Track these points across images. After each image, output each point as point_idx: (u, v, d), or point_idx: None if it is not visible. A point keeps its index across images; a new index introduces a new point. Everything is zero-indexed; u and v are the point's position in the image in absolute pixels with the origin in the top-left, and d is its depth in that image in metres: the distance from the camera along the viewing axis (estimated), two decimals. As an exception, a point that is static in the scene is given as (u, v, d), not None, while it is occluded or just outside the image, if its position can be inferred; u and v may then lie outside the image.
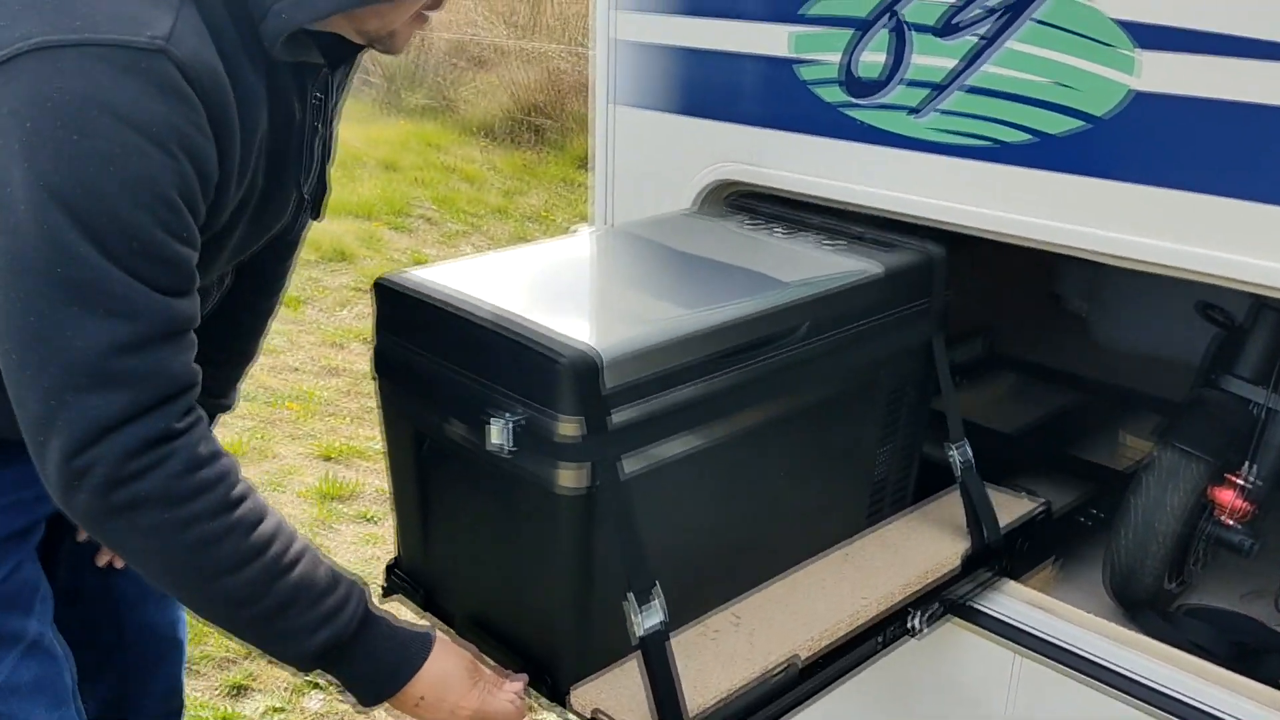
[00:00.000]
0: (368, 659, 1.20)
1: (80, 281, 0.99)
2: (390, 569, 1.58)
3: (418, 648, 1.23)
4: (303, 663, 1.17)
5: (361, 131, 7.86)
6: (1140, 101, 1.44)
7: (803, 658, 1.39)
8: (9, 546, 1.32)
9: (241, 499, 1.11)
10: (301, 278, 5.59)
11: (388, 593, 1.61)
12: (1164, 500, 1.66)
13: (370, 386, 1.49)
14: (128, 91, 0.98)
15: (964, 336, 2.58)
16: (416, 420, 1.40)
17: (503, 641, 1.39)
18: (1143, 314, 2.54)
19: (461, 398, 1.28)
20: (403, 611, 1.60)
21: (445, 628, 1.51)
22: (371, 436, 4.04)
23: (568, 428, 1.19)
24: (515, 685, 1.28)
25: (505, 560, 1.35)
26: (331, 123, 1.32)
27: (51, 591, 1.40)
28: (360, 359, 4.70)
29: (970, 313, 2.56)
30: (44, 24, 0.97)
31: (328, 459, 3.89)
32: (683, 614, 1.38)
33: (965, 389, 2.46)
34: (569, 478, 1.22)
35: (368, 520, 3.51)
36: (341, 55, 1.21)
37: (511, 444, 1.22)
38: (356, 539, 3.41)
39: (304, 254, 5.62)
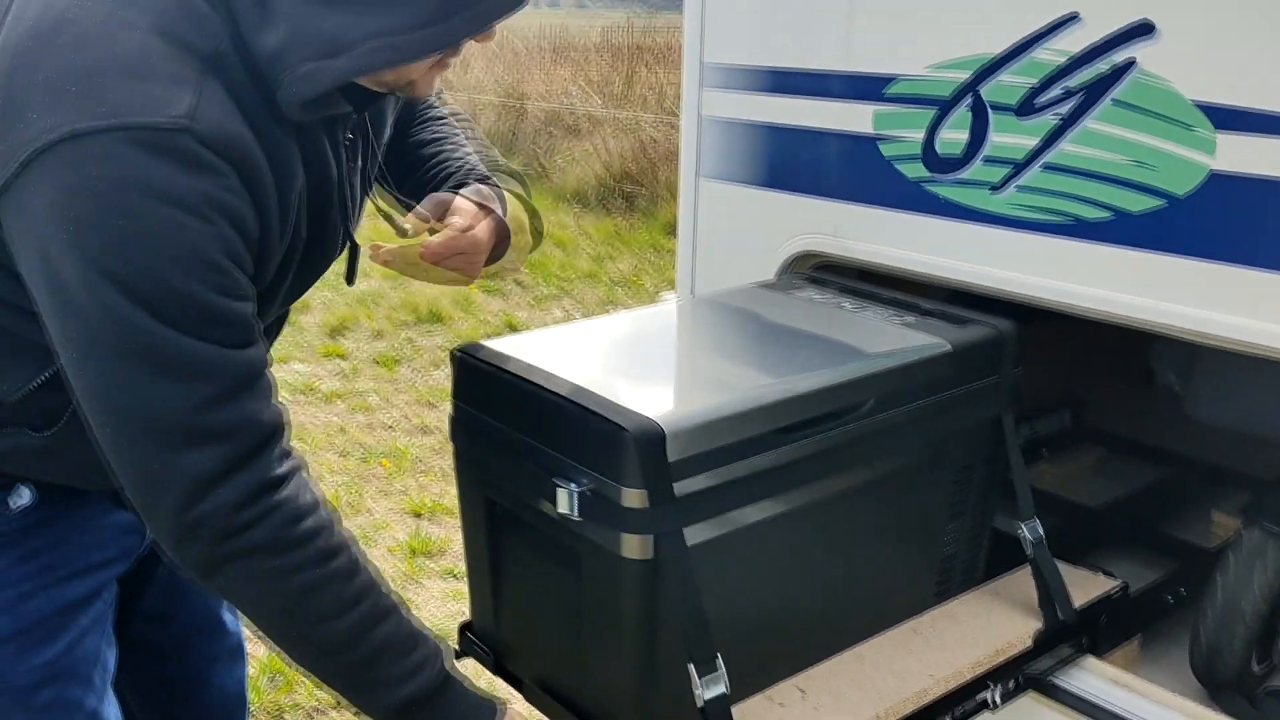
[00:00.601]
0: (443, 717, 1.23)
1: (151, 353, 1.05)
2: (463, 630, 1.62)
3: (487, 713, 1.27)
4: (386, 714, 1.21)
5: (461, 195, 8.08)
6: (1219, 181, 1.43)
7: (869, 734, 1.38)
8: (73, 614, 1.36)
9: (342, 547, 1.16)
10: (398, 338, 5.76)
11: (460, 654, 1.65)
12: (1250, 580, 1.61)
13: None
14: (159, 170, 1.02)
15: (1051, 409, 2.55)
16: (489, 486, 1.44)
17: (569, 707, 1.41)
18: (1239, 390, 2.47)
19: (531, 466, 1.32)
20: (468, 667, 1.64)
21: (514, 692, 1.54)
22: (461, 493, 4.12)
23: (632, 498, 1.22)
24: None
25: (571, 626, 1.38)
26: (371, 156, 1.36)
27: (115, 655, 1.44)
28: (452, 417, 4.80)
29: (1059, 386, 2.54)
30: (72, 112, 1.01)
31: (417, 515, 3.98)
32: (747, 683, 1.39)
33: (1051, 462, 2.43)
34: (633, 546, 1.24)
35: (454, 576, 3.58)
36: (369, 97, 1.23)
37: (578, 512, 1.25)
38: (442, 594, 3.48)
39: (400, 315, 5.83)
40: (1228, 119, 1.41)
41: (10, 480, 1.31)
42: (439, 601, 3.45)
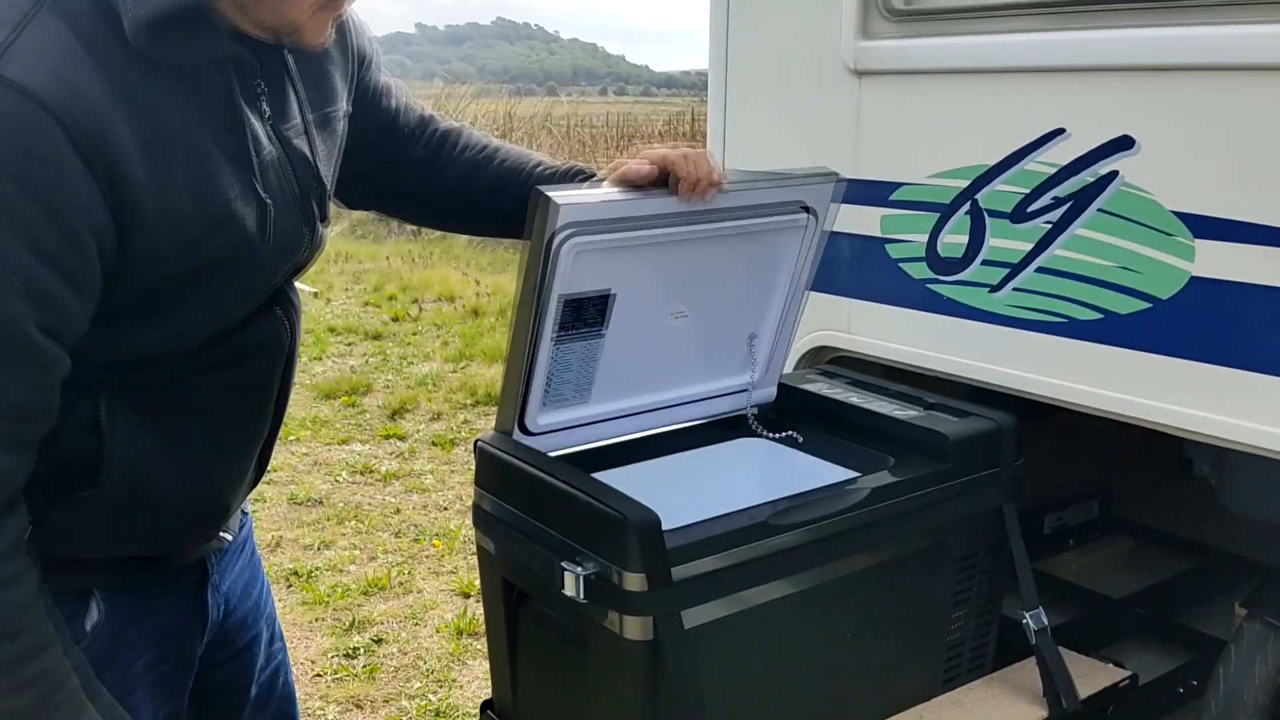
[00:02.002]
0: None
1: None
2: (484, 708, 1.71)
3: None
4: None
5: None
6: (1199, 285, 1.51)
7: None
8: None
9: (33, 638, 1.06)
10: (455, 420, 5.92)
11: (485, 733, 1.74)
12: (1250, 672, 1.64)
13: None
14: None
15: (1078, 499, 2.58)
16: (506, 569, 1.54)
17: (580, 781, 1.49)
18: (1270, 482, 2.48)
19: (542, 550, 1.42)
20: (494, 747, 1.72)
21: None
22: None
23: (632, 581, 1.31)
24: None
25: (579, 704, 1.46)
26: (314, 117, 1.27)
27: None
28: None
29: (1086, 475, 2.57)
30: None
31: (466, 596, 4.06)
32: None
33: (1076, 551, 2.46)
34: (634, 628, 1.33)
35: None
36: (267, 47, 1.15)
37: (583, 595, 1.35)
38: (486, 675, 3.54)
39: (459, 397, 5.96)
40: (1205, 228, 1.49)
41: (83, 593, 1.24)
42: (482, 681, 3.52)
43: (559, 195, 1.35)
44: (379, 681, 3.42)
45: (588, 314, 1.50)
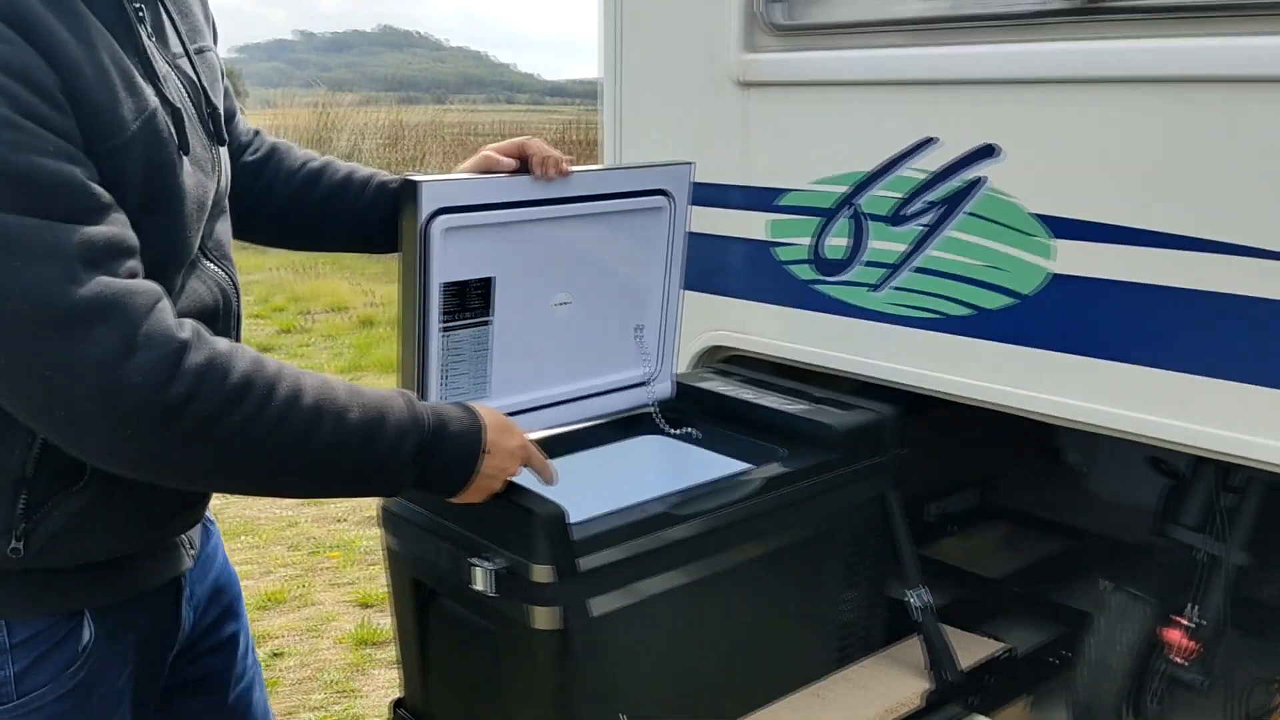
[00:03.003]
0: (450, 441, 1.26)
1: None
2: (395, 706, 1.74)
3: (468, 411, 1.30)
4: (403, 477, 1.22)
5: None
6: (1059, 281, 1.63)
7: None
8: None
9: (275, 368, 1.12)
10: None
11: (393, 730, 1.76)
12: (1115, 640, 1.78)
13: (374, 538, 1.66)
14: None
15: (959, 488, 2.72)
16: (414, 568, 1.58)
17: (492, 771, 1.53)
18: (1133, 468, 2.66)
19: (452, 548, 1.46)
20: (406, 744, 1.74)
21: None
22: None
23: (540, 573, 1.36)
24: None
25: (494, 695, 1.51)
26: (192, 48, 1.29)
27: None
28: (402, 508, 4.89)
29: (965, 466, 2.72)
30: None
31: (365, 606, 4.04)
32: (657, 743, 1.52)
33: (958, 537, 2.59)
34: (543, 618, 1.38)
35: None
36: None
37: (493, 589, 1.39)
38: (388, 684, 3.54)
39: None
40: (1063, 228, 1.62)
41: (75, 614, 1.24)
42: (385, 690, 3.51)
43: (426, 179, 1.42)
44: (280, 695, 3.38)
45: (471, 301, 1.56)
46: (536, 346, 1.68)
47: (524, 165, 1.51)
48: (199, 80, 1.28)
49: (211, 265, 1.29)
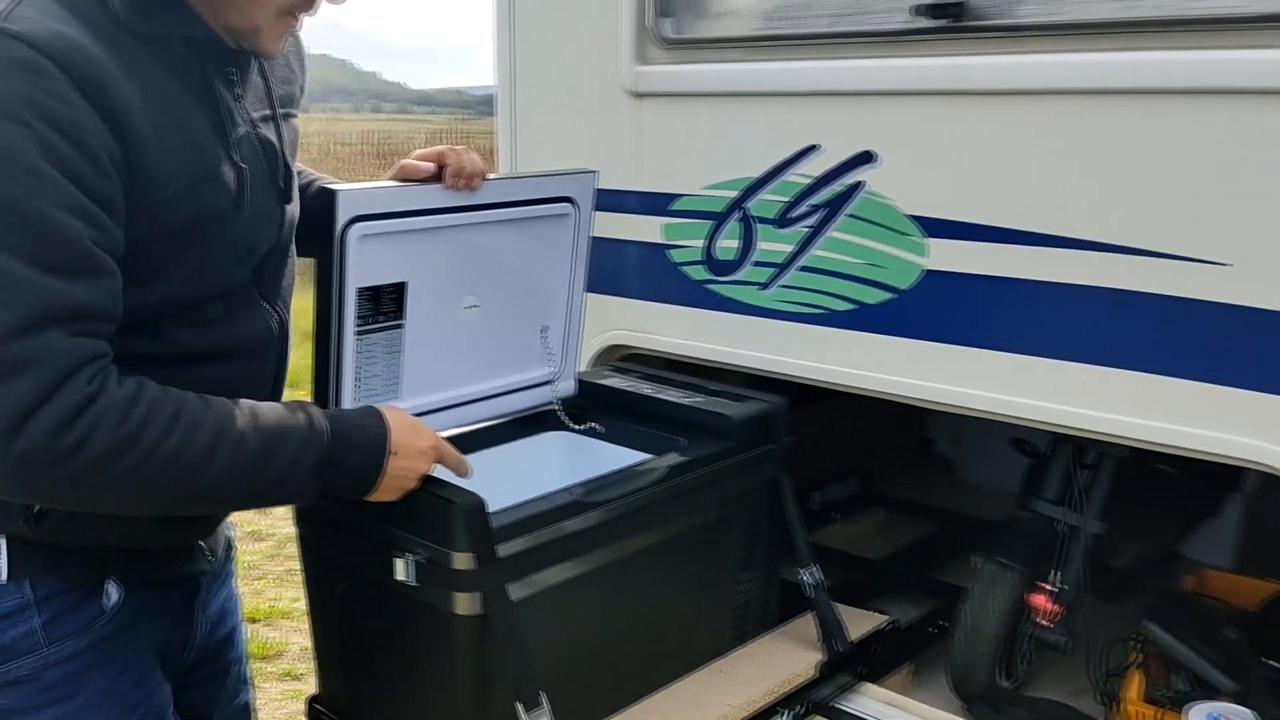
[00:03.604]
0: (352, 450, 1.30)
1: None
2: (311, 702, 1.77)
3: (373, 417, 1.34)
4: (307, 490, 1.26)
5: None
6: (932, 277, 1.78)
7: (677, 758, 1.60)
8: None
9: (180, 406, 1.15)
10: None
11: (309, 728, 1.79)
12: (987, 606, 1.93)
13: (293, 549, 1.69)
14: None
15: (840, 477, 2.88)
16: (334, 563, 1.61)
17: (414, 758, 1.58)
18: (996, 454, 2.86)
19: (373, 542, 1.51)
20: (323, 739, 1.77)
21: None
22: (295, 598, 4.15)
23: (461, 560, 1.42)
24: None
25: (414, 683, 1.55)
26: (279, 112, 1.37)
27: None
28: (284, 523, 4.83)
29: (846, 457, 2.87)
30: None
31: (253, 621, 3.98)
32: (573, 722, 1.59)
33: (841, 523, 2.74)
34: (464, 604, 1.44)
35: (293, 678, 3.61)
36: (232, 50, 1.25)
37: (415, 578, 1.44)
38: (282, 695, 3.51)
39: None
40: (934, 228, 1.76)
41: (99, 579, 1.32)
42: (279, 703, 3.48)
43: (342, 187, 1.48)
44: (169, 712, 3.31)
45: (385, 305, 1.61)
46: (447, 348, 1.74)
47: (441, 172, 1.57)
48: (279, 144, 1.36)
49: (264, 304, 1.38)
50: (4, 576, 1.23)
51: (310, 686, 3.52)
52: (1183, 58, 1.48)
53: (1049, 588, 1.91)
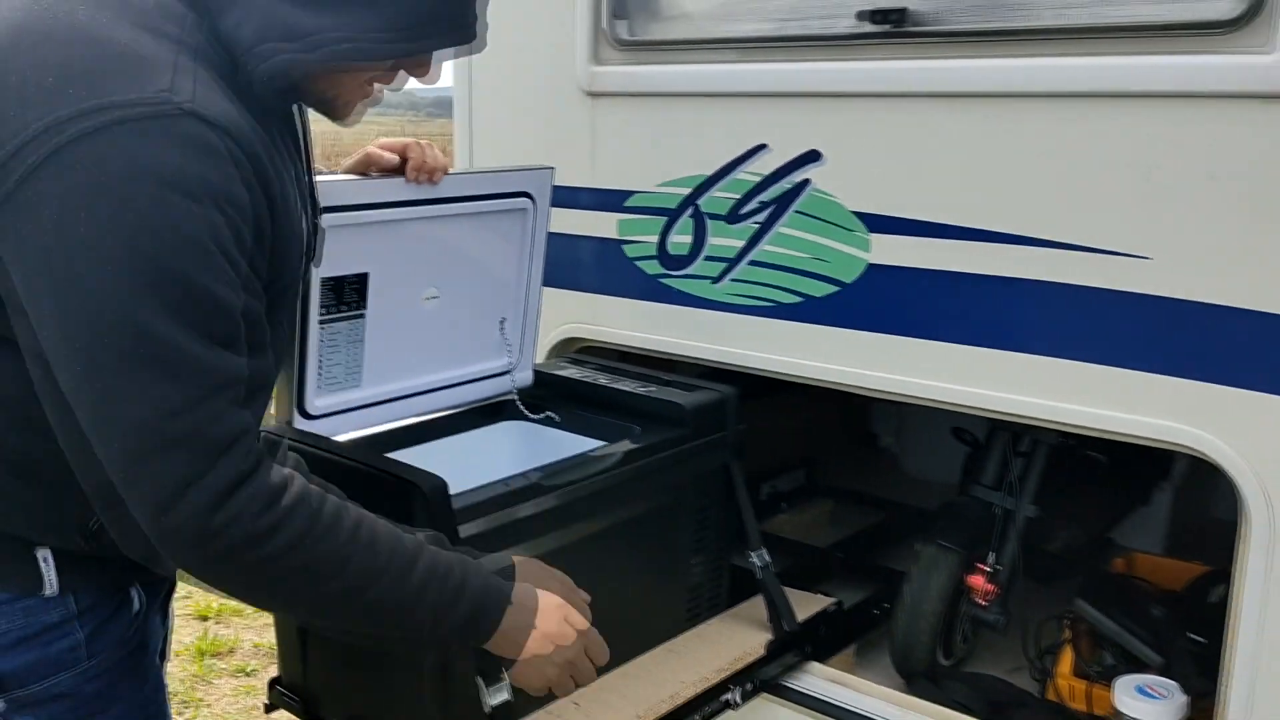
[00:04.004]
0: (497, 632, 1.28)
1: (132, 337, 1.03)
2: (273, 684, 1.80)
3: (528, 613, 1.31)
4: (430, 641, 1.31)
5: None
6: (875, 271, 1.86)
7: (631, 732, 1.66)
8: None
9: (322, 506, 1.15)
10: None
11: (270, 708, 1.82)
12: (927, 587, 2.02)
13: None
14: (168, 156, 1.02)
15: (789, 469, 2.96)
16: (298, 544, 1.65)
17: (376, 735, 1.63)
18: (937, 447, 2.96)
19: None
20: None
21: None
22: (249, 595, 4.16)
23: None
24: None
25: (371, 665, 1.60)
26: (309, 167, 1.40)
27: None
28: (238, 520, 4.81)
29: (794, 449, 2.95)
30: (75, 107, 1.00)
31: (204, 619, 3.98)
32: (532, 700, 1.64)
33: (789, 513, 2.82)
34: (426, 582, 1.49)
35: (245, 674, 3.62)
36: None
37: (378, 557, 1.49)
38: (234, 690, 3.51)
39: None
40: (877, 224, 1.84)
41: (126, 585, 1.32)
42: (231, 698, 3.48)
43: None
44: (122, 708, 3.31)
45: (347, 295, 1.66)
46: (407, 338, 1.79)
47: (404, 165, 1.62)
48: (316, 197, 1.40)
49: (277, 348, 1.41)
50: (55, 589, 1.23)
51: (262, 682, 3.54)
52: (1105, 64, 1.58)
53: (985, 569, 2.00)
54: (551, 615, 1.33)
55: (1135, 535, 2.54)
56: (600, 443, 1.85)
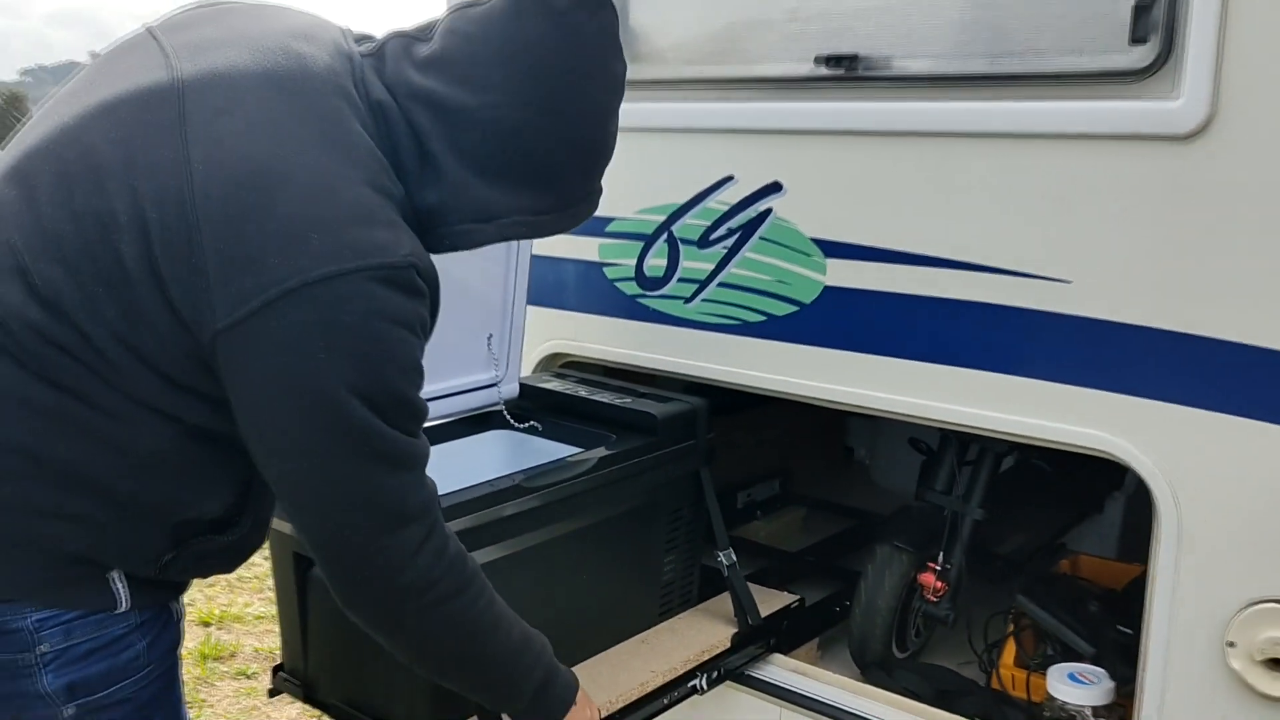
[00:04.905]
0: (558, 691, 1.54)
1: (376, 449, 1.25)
2: (275, 670, 1.96)
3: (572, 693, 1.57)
4: (524, 701, 1.50)
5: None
6: (831, 292, 2.03)
7: (602, 715, 1.82)
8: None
9: (476, 573, 1.41)
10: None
11: (274, 693, 1.98)
12: (882, 584, 2.18)
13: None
14: (395, 299, 1.23)
15: (764, 479, 3.12)
16: (296, 544, 1.81)
17: (375, 717, 1.78)
18: (904, 460, 3.13)
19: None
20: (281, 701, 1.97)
21: (327, 717, 1.89)
22: (248, 603, 4.31)
23: (415, 534, 1.63)
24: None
25: (366, 654, 1.74)
26: None
27: None
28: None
29: (769, 461, 3.11)
30: (318, 257, 1.18)
31: (206, 625, 4.13)
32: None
33: (763, 520, 2.98)
34: (417, 573, 1.65)
35: (246, 676, 3.77)
36: None
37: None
38: (235, 693, 3.66)
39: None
40: (833, 249, 2.01)
41: (172, 597, 1.45)
42: (232, 699, 3.63)
43: None
44: (128, 707, 3.45)
45: None
46: None
47: None
48: None
49: None
50: (125, 606, 1.34)
51: (262, 684, 3.69)
52: (1032, 107, 1.75)
53: (935, 567, 2.16)
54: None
55: (1088, 540, 2.70)
56: (578, 449, 2.02)
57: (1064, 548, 2.58)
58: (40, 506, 1.25)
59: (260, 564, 4.54)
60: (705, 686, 2.01)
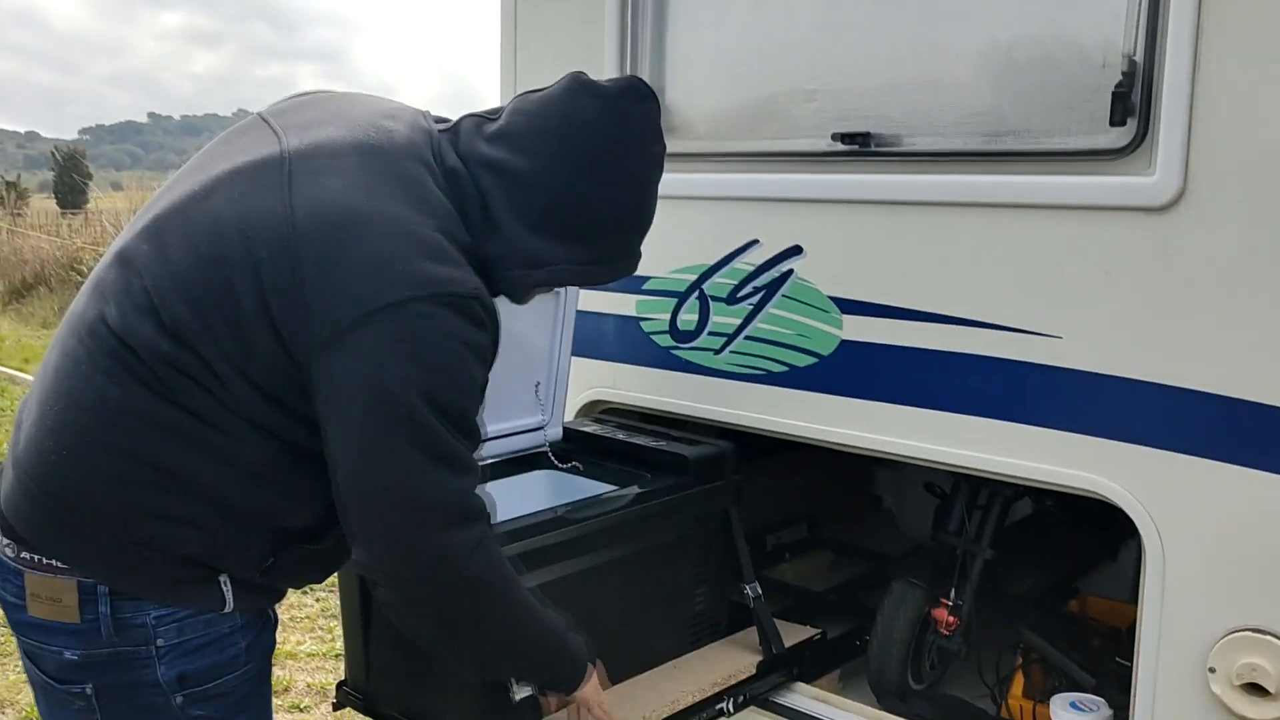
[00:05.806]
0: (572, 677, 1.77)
1: (446, 454, 1.44)
2: (339, 686, 2.15)
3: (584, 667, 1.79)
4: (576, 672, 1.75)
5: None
6: (847, 345, 2.22)
7: (634, 731, 1.99)
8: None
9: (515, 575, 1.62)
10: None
11: (338, 706, 2.17)
12: (897, 619, 2.34)
13: (295, 598, 2.05)
14: (463, 325, 1.43)
15: (792, 523, 3.28)
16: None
17: (428, 725, 1.97)
18: (929, 510, 3.27)
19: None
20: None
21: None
22: (300, 641, 4.51)
23: (470, 558, 1.83)
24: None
25: (425, 671, 1.94)
26: None
27: None
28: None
29: (798, 506, 3.28)
30: (399, 283, 1.39)
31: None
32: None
33: (791, 562, 3.14)
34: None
35: (299, 710, 3.96)
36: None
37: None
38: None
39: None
40: (848, 306, 2.21)
41: (272, 604, 1.66)
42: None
43: None
44: None
45: None
46: None
47: None
48: None
49: None
50: (231, 607, 1.53)
51: (314, 717, 3.87)
52: (1025, 180, 1.95)
53: (948, 603, 2.32)
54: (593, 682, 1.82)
55: (1104, 584, 2.84)
56: (615, 487, 2.21)
57: (1075, 589, 2.72)
58: (163, 511, 1.46)
59: (311, 604, 4.77)
60: (732, 710, 2.17)
